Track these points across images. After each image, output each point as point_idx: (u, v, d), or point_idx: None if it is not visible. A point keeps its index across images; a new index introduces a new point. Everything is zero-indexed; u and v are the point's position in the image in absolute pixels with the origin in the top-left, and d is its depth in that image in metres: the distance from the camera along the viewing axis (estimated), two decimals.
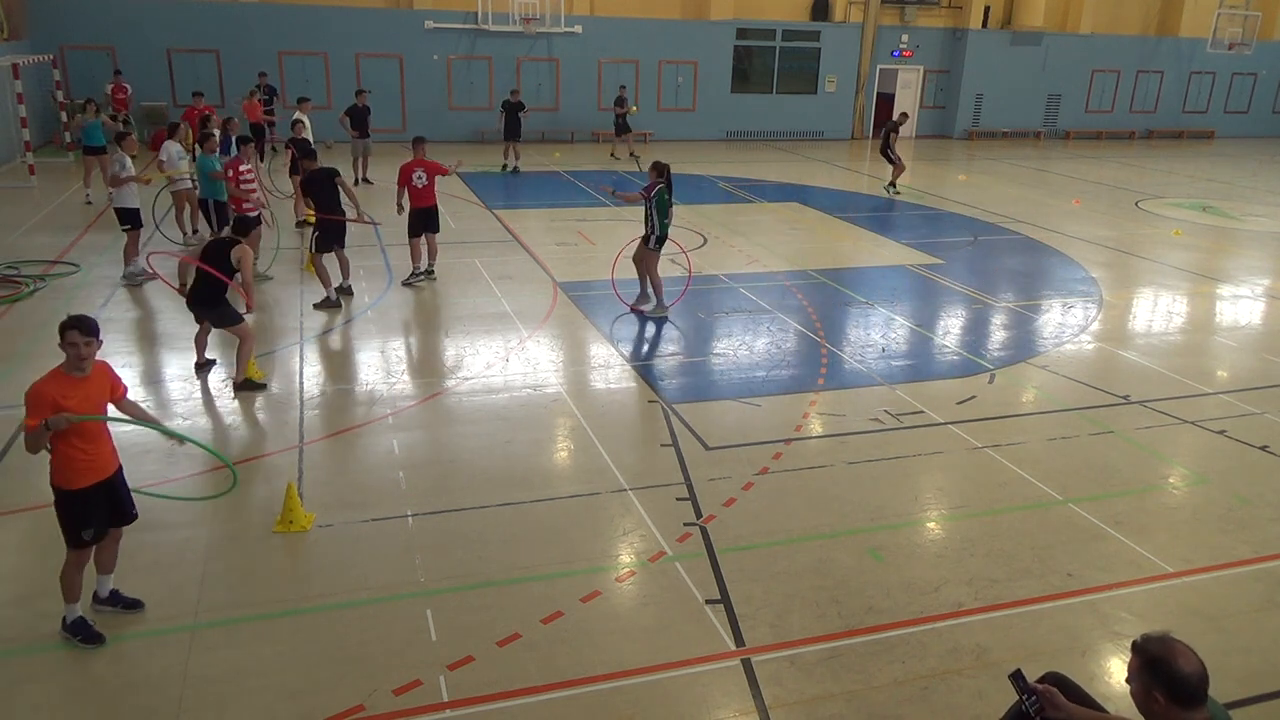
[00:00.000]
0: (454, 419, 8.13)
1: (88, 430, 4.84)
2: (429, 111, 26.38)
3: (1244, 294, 13.07)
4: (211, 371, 8.86)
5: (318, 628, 5.21)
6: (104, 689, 4.73)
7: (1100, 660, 5.14)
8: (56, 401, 4.67)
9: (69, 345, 4.80)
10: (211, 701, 4.62)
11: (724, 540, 6.19)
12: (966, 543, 6.27)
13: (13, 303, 10.76)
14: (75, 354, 4.79)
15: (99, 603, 5.26)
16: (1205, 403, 8.87)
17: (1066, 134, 32.90)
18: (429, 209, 12.15)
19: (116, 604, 5.26)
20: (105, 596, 5.27)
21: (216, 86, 24.04)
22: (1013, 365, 9.79)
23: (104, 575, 5.28)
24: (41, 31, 22.79)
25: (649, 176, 10.97)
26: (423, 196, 12.07)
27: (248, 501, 6.57)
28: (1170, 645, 3.18)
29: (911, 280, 13.25)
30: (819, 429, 8.06)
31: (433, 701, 4.64)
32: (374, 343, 10.03)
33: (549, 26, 26.16)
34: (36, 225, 14.69)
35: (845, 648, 5.15)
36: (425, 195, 12.09)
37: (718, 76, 28.79)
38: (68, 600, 5.02)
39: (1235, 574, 6.01)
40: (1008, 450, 7.69)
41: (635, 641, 5.16)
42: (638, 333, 10.53)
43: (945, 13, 30.88)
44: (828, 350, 10.04)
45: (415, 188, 12.02)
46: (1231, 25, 31.61)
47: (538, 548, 6.06)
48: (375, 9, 25.48)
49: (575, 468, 7.29)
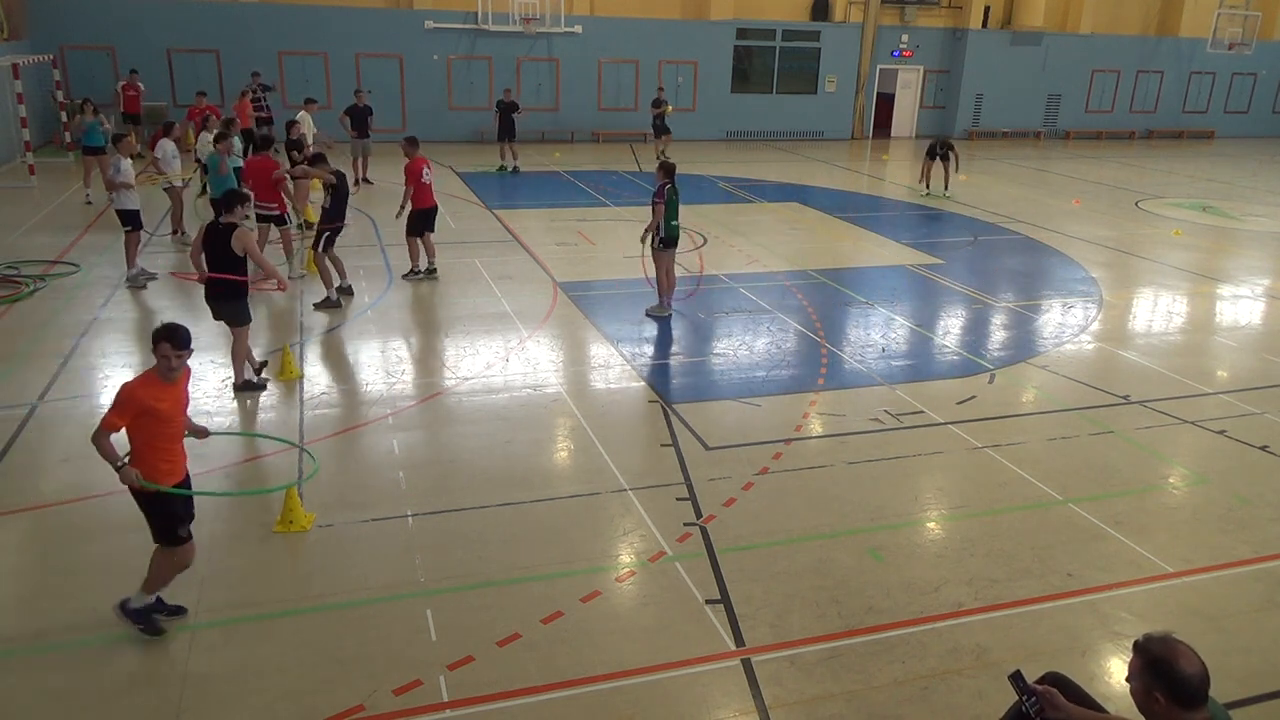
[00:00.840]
0: (454, 419, 8.13)
1: (177, 432, 5.05)
2: (429, 111, 26.38)
3: (1244, 294, 13.07)
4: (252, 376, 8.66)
5: (318, 628, 5.21)
6: (104, 689, 4.72)
7: (1100, 660, 5.14)
8: (147, 403, 4.81)
9: (161, 357, 4.91)
10: (211, 701, 4.62)
11: (724, 540, 6.18)
12: (966, 543, 6.27)
13: (13, 303, 10.76)
14: (166, 365, 4.91)
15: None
16: (1205, 403, 8.87)
17: (1066, 134, 32.90)
18: (432, 209, 12.27)
19: (160, 610, 5.22)
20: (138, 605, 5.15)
21: (217, 86, 24.04)
22: (1013, 365, 9.79)
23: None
24: (41, 31, 22.79)
25: (656, 178, 10.96)
26: (427, 196, 12.15)
27: (248, 501, 6.57)
28: (1172, 646, 3.18)
29: (911, 280, 13.25)
30: (819, 429, 8.06)
31: (433, 701, 4.64)
32: (374, 343, 10.03)
33: (549, 26, 26.15)
34: (36, 225, 14.69)
35: (845, 648, 5.15)
36: (429, 195, 12.18)
37: (718, 76, 28.78)
38: (147, 591, 5.06)
39: (1235, 574, 6.01)
40: (1008, 450, 7.69)
41: (635, 641, 5.16)
42: (638, 333, 10.53)
43: (945, 13, 30.88)
44: (828, 350, 10.04)
45: (422, 185, 12.10)
46: (1231, 25, 31.60)
47: (538, 548, 6.06)
48: (375, 9, 25.48)
49: (575, 468, 7.29)
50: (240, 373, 8.48)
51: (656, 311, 11.06)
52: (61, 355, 9.21)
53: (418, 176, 12.05)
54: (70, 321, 10.25)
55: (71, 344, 9.55)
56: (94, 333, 9.96)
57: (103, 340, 9.77)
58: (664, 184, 10.70)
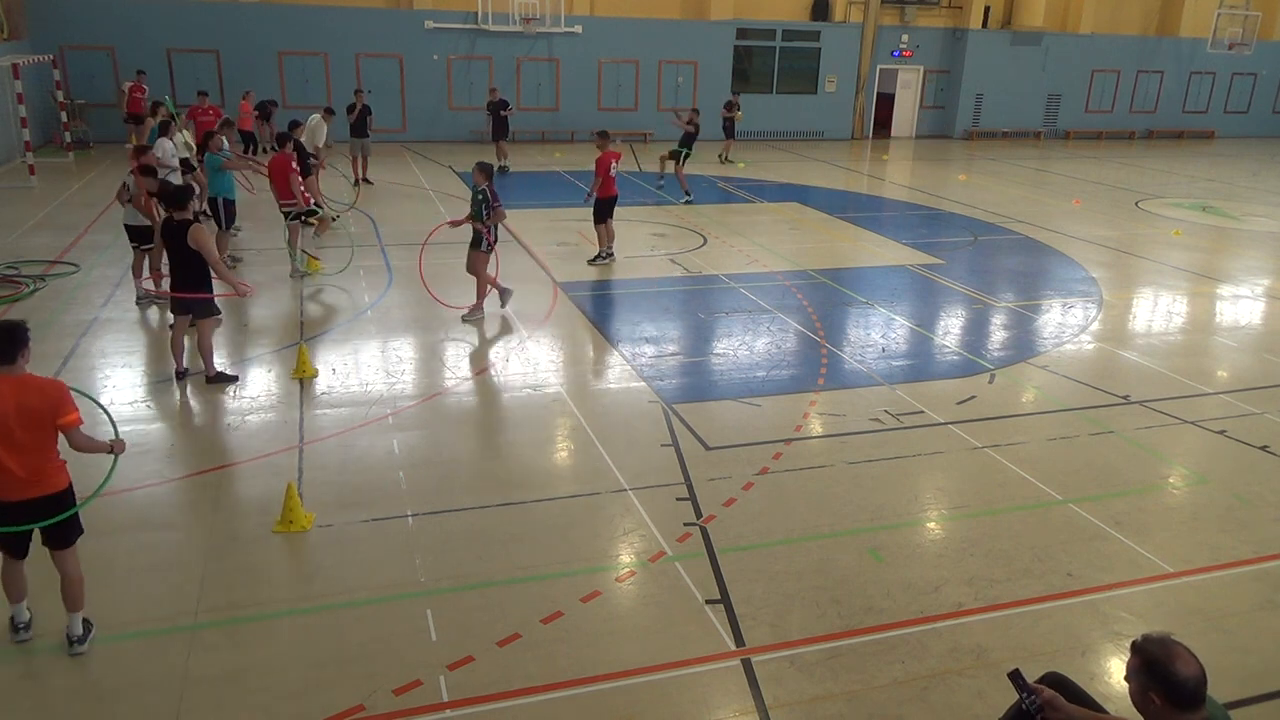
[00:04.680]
0: (454, 419, 8.13)
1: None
2: (429, 111, 26.40)
3: (1244, 294, 13.07)
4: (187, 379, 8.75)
5: (318, 628, 5.21)
6: (104, 689, 4.73)
7: (1100, 660, 5.14)
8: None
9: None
10: (211, 701, 4.62)
11: (724, 540, 6.19)
12: (966, 543, 6.27)
13: (13, 303, 10.76)
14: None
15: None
16: (1205, 403, 8.87)
17: (1066, 134, 32.90)
18: (615, 197, 13.36)
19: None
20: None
21: (217, 86, 24.05)
22: (1013, 365, 9.79)
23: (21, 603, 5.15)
24: (41, 31, 22.78)
25: (475, 181, 10.62)
26: (611, 187, 13.16)
27: (247, 501, 6.57)
28: (1169, 647, 3.18)
29: (911, 280, 13.25)
30: (819, 429, 8.06)
31: (433, 701, 4.64)
32: (374, 343, 10.03)
33: (549, 26, 26.16)
34: (36, 225, 14.70)
35: (845, 648, 5.15)
36: (613, 186, 13.20)
37: (718, 76, 28.77)
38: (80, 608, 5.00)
39: (1235, 574, 6.01)
40: (1008, 450, 7.69)
41: (635, 641, 5.16)
42: (638, 333, 10.53)
43: (945, 13, 30.88)
44: (828, 350, 10.04)
45: (609, 177, 13.05)
46: (1231, 25, 31.60)
47: (538, 548, 6.06)
48: (375, 9, 25.48)
49: (575, 468, 7.29)
50: (211, 365, 8.55)
51: (472, 315, 10.71)
52: (61, 355, 9.21)
53: (606, 169, 12.99)
54: (70, 321, 10.25)
55: (71, 344, 9.55)
56: (94, 333, 9.96)
57: (103, 340, 9.78)
58: (484, 186, 10.50)
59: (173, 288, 8.52)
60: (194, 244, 8.14)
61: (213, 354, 8.65)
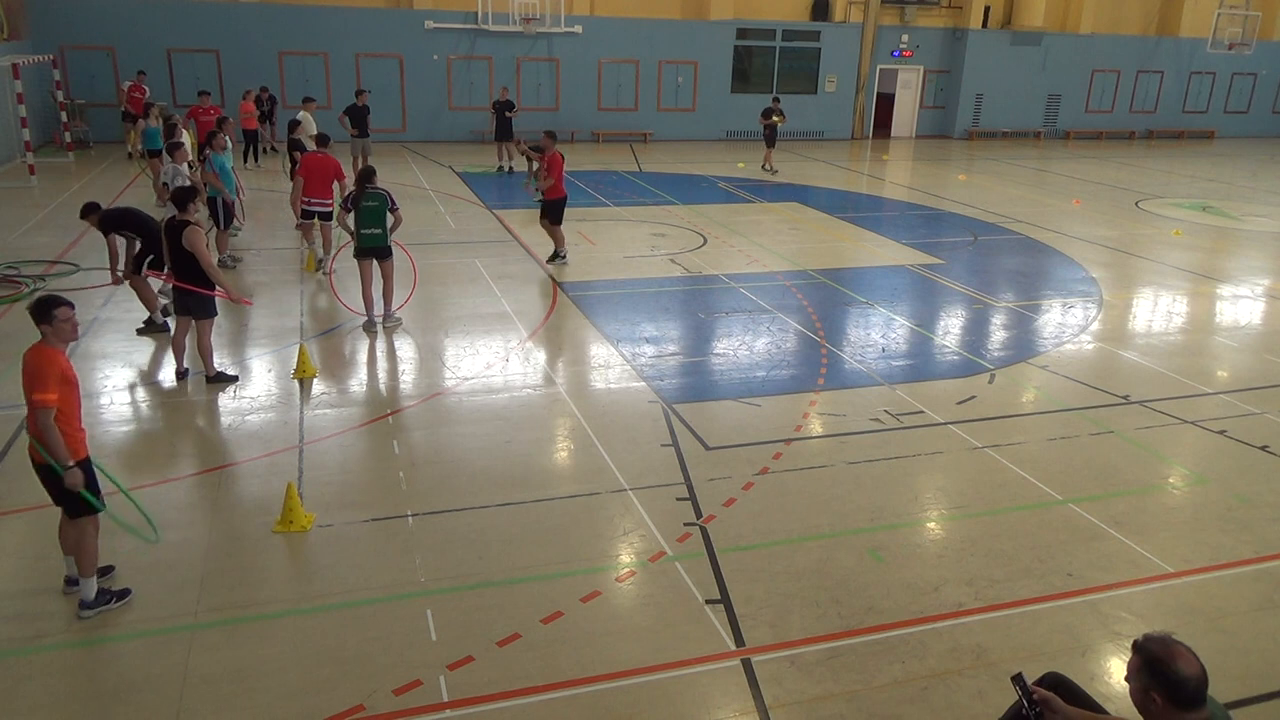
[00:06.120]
0: (454, 419, 8.13)
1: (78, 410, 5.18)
2: (429, 111, 26.40)
3: (1244, 294, 13.07)
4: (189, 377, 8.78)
5: (318, 628, 5.21)
6: (104, 689, 4.72)
7: (1100, 660, 5.14)
8: (67, 370, 5.04)
9: (61, 322, 5.11)
10: (211, 701, 4.62)
11: (724, 540, 6.19)
12: (966, 543, 6.27)
13: (13, 303, 10.75)
14: (70, 328, 5.18)
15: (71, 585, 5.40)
16: (1205, 403, 8.87)
17: (1066, 134, 32.90)
18: (565, 198, 13.28)
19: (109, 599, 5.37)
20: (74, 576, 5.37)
21: (217, 86, 24.06)
22: (1013, 365, 9.79)
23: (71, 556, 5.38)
24: (41, 31, 22.80)
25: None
26: (563, 187, 13.12)
27: (247, 501, 6.57)
28: (1170, 647, 3.18)
29: (911, 280, 13.25)
30: (819, 429, 8.06)
31: (433, 701, 4.64)
32: (374, 343, 10.03)
33: (549, 26, 26.17)
34: (36, 225, 14.70)
35: (845, 648, 5.15)
36: (563, 185, 13.16)
37: (718, 76, 28.78)
38: (89, 573, 5.18)
39: (1235, 574, 6.01)
40: (1008, 450, 7.69)
41: (635, 641, 5.16)
42: (638, 333, 10.53)
43: (945, 13, 30.88)
44: (828, 350, 10.04)
45: (561, 177, 12.98)
46: (1231, 25, 31.62)
47: (538, 548, 6.06)
48: (375, 9, 25.48)
49: (575, 468, 7.29)
50: (211, 365, 8.57)
51: (368, 328, 10.42)
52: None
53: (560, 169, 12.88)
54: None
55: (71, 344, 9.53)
56: (94, 333, 9.96)
57: (103, 340, 9.78)
58: (351, 194, 10.46)
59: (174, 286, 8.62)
60: (188, 245, 8.23)
61: (212, 354, 8.66)
